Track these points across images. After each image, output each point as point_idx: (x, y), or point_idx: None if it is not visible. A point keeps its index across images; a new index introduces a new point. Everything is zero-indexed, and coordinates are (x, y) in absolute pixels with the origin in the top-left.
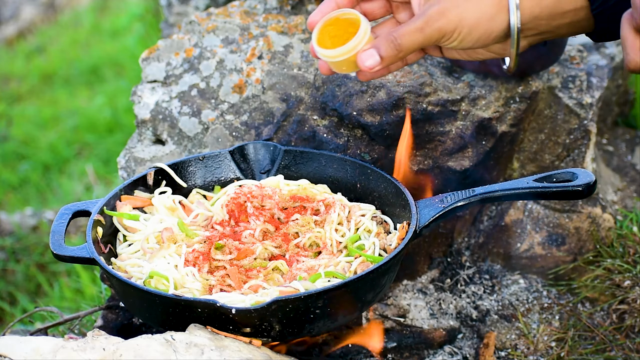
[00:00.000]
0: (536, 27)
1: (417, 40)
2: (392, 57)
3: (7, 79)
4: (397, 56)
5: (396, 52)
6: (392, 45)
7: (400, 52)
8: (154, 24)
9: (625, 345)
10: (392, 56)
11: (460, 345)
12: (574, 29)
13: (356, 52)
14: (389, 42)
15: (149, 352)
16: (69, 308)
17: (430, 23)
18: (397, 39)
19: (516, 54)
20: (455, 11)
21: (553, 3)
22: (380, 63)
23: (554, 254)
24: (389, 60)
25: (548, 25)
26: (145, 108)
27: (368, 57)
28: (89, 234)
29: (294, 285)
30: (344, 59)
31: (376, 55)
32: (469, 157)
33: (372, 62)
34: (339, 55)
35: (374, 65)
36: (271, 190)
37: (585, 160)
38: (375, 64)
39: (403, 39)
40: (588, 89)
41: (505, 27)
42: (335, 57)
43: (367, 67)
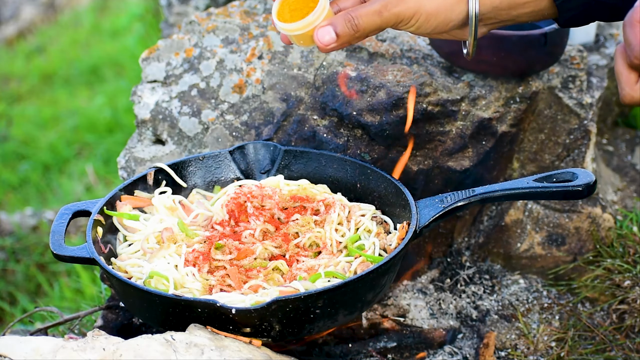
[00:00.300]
0: (496, 16)
1: (374, 22)
2: (348, 36)
3: (7, 79)
4: (353, 36)
5: (353, 32)
6: (349, 25)
7: (357, 32)
8: (154, 24)
9: (625, 345)
10: (348, 35)
11: (460, 345)
12: (536, 17)
13: (313, 27)
14: (347, 21)
15: (149, 352)
16: (69, 308)
17: (388, 7)
18: (354, 19)
19: (474, 42)
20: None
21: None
22: (336, 41)
23: (554, 254)
24: (344, 39)
25: (508, 14)
26: (145, 108)
27: (325, 34)
28: (89, 234)
29: (294, 285)
30: (301, 34)
31: (332, 32)
32: (469, 157)
33: (328, 39)
34: (296, 29)
35: (329, 42)
36: (271, 190)
37: (585, 160)
38: (331, 41)
39: (360, 20)
40: (588, 89)
41: (464, 16)
42: (293, 31)
43: (322, 43)
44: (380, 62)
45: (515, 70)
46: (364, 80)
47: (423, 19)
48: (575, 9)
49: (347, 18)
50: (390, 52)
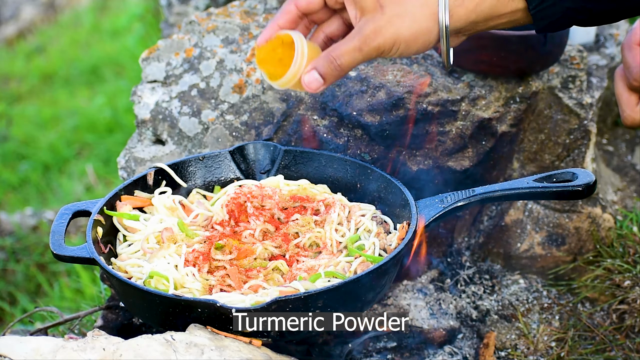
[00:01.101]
0: (473, 28)
1: (356, 58)
2: (333, 77)
3: (7, 79)
4: (338, 75)
5: (337, 72)
6: (332, 66)
7: (342, 71)
8: (154, 24)
9: (625, 345)
10: (333, 75)
11: (460, 345)
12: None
13: (300, 75)
14: (329, 62)
15: (149, 352)
16: (69, 308)
17: (367, 42)
18: (336, 60)
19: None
20: (391, 29)
21: (489, 9)
22: (324, 83)
23: (554, 254)
24: (331, 80)
25: (485, 25)
26: (145, 108)
27: (311, 80)
28: (89, 234)
29: (294, 285)
30: (292, 85)
31: (318, 77)
32: (469, 157)
33: (316, 84)
34: (285, 84)
35: (318, 87)
36: (271, 190)
37: (585, 160)
38: (319, 85)
39: (342, 59)
40: (588, 89)
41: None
42: (284, 86)
43: (312, 89)
44: (380, 62)
45: (515, 70)
46: (364, 80)
47: (403, 47)
48: (550, 16)
49: (329, 59)
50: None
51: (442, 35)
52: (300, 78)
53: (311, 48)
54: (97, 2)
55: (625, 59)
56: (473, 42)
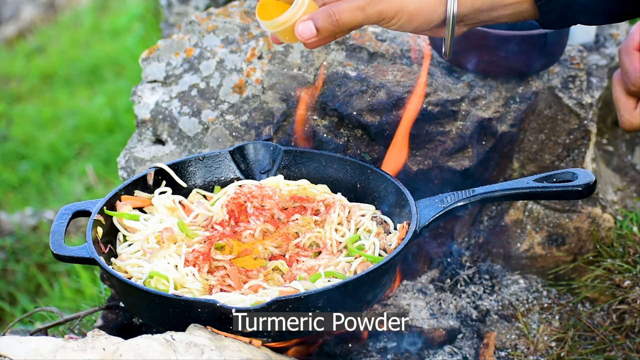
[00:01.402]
0: (476, 17)
1: (356, 18)
2: (329, 31)
3: (7, 79)
4: (334, 31)
5: (334, 27)
6: (329, 20)
7: (338, 27)
8: (154, 24)
9: (625, 345)
10: (328, 30)
11: (460, 345)
12: (517, 18)
13: (294, 22)
14: (328, 15)
15: (149, 352)
16: (69, 308)
17: (372, 4)
18: (336, 14)
19: (451, 42)
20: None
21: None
22: (317, 35)
23: (554, 254)
24: (325, 34)
25: (489, 15)
26: (145, 108)
27: (305, 28)
28: (89, 234)
29: (294, 285)
30: (283, 29)
31: (313, 27)
32: (469, 157)
33: (309, 33)
34: (277, 25)
35: (309, 36)
36: (271, 190)
37: (585, 160)
38: (311, 35)
39: (342, 15)
40: (588, 89)
41: (445, 17)
42: (274, 28)
43: (303, 38)
44: (380, 62)
45: (515, 70)
46: (364, 80)
47: (405, 18)
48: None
49: (329, 13)
50: (390, 52)
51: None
52: (294, 25)
53: (311, 4)
54: (97, 2)
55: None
56: (473, 42)
